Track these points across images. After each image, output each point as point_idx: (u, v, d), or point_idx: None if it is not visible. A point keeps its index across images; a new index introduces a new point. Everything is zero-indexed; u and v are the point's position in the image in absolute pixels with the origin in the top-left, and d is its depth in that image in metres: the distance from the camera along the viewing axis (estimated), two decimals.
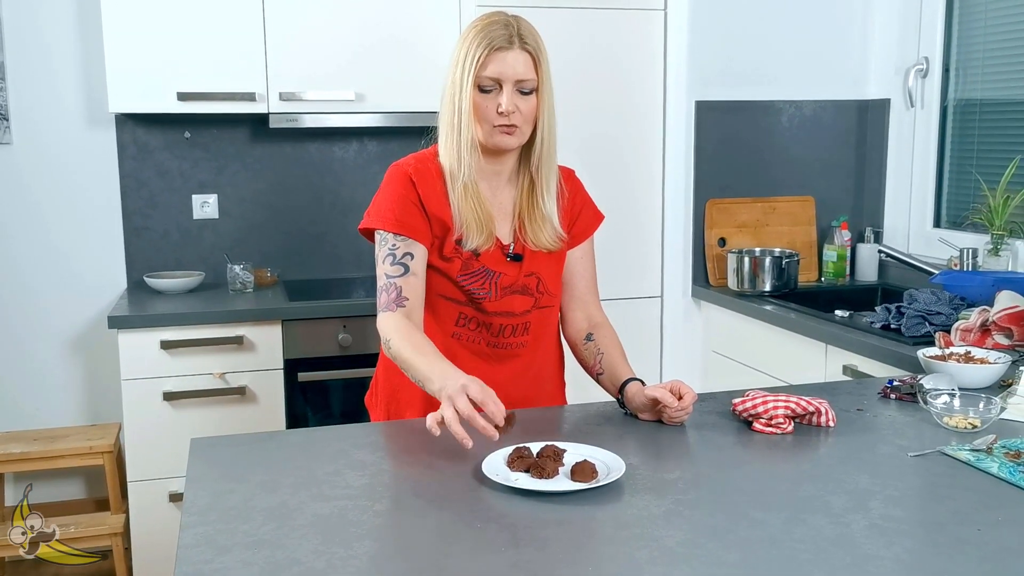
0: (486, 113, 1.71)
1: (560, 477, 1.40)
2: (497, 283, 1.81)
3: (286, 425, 3.01)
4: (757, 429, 1.62)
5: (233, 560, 1.15)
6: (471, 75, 1.69)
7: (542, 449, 1.46)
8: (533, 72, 1.71)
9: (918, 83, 3.21)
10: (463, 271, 1.79)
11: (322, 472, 1.45)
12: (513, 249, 1.83)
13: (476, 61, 1.69)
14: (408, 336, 1.66)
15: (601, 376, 1.83)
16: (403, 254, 1.75)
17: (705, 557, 1.15)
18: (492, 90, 1.71)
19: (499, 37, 1.69)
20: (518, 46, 1.69)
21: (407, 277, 1.74)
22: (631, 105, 3.21)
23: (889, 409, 1.77)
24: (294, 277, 3.53)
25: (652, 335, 3.33)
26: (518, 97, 1.71)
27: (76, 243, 3.39)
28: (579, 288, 1.93)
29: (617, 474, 1.38)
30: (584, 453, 1.47)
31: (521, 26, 1.72)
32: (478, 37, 1.70)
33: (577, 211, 1.90)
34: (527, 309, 1.85)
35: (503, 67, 1.69)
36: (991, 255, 2.80)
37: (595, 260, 1.97)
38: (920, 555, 1.17)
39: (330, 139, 3.55)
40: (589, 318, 1.92)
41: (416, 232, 1.75)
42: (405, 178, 1.79)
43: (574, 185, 1.92)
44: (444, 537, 1.22)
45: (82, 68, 3.32)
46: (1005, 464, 1.44)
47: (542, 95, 1.73)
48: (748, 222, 3.30)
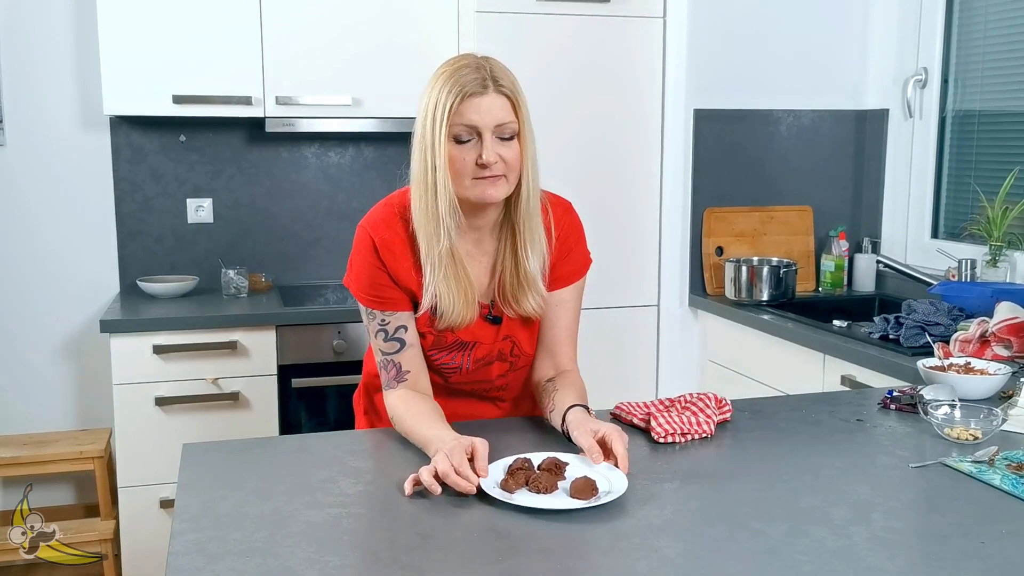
0: (464, 167, 1.54)
1: (559, 492, 1.35)
2: (471, 355, 1.71)
3: (279, 431, 2.99)
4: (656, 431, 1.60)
5: (224, 568, 1.13)
6: (443, 127, 1.51)
7: (543, 461, 1.42)
8: (512, 115, 1.55)
9: (917, 93, 3.20)
10: (435, 346, 1.69)
11: (316, 479, 1.43)
12: (492, 312, 1.70)
13: (448, 110, 1.51)
14: (408, 408, 1.60)
15: (552, 413, 1.63)
16: (395, 328, 1.64)
17: (705, 568, 1.14)
18: (470, 140, 1.54)
19: (471, 82, 1.52)
20: (493, 89, 1.52)
21: (404, 352, 1.65)
22: (629, 113, 3.19)
23: (889, 420, 1.75)
24: (289, 282, 3.51)
25: (649, 344, 3.31)
26: (499, 144, 1.54)
27: (69, 246, 3.37)
28: (549, 336, 1.75)
29: (617, 493, 1.33)
30: (586, 468, 1.42)
31: (494, 67, 1.55)
32: (447, 84, 1.52)
33: (567, 251, 1.73)
34: (502, 374, 1.76)
35: (479, 113, 1.51)
36: (989, 266, 2.79)
37: (579, 306, 1.79)
38: (923, 568, 1.15)
39: (326, 144, 3.53)
40: (556, 367, 1.75)
41: (396, 304, 1.64)
42: (369, 248, 1.64)
43: (570, 221, 1.74)
44: (439, 547, 1.20)
45: (77, 70, 3.30)
46: (1008, 476, 1.43)
47: (524, 141, 1.57)
48: (746, 231, 3.28)
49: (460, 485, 1.33)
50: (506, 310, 1.69)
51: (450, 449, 1.37)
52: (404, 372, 1.66)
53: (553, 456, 1.44)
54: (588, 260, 1.79)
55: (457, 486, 1.33)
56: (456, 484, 1.33)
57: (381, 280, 1.64)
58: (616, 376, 3.21)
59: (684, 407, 1.68)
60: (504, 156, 1.54)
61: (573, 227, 1.75)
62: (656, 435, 1.59)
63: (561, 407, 1.59)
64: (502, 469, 1.41)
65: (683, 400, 1.71)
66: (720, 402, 1.73)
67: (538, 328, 1.76)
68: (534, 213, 1.64)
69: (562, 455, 1.45)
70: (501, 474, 1.40)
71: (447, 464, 1.34)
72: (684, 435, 1.60)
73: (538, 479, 1.36)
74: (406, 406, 1.61)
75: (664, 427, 1.60)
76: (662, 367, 3.32)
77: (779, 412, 1.79)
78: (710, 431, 1.62)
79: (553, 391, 1.67)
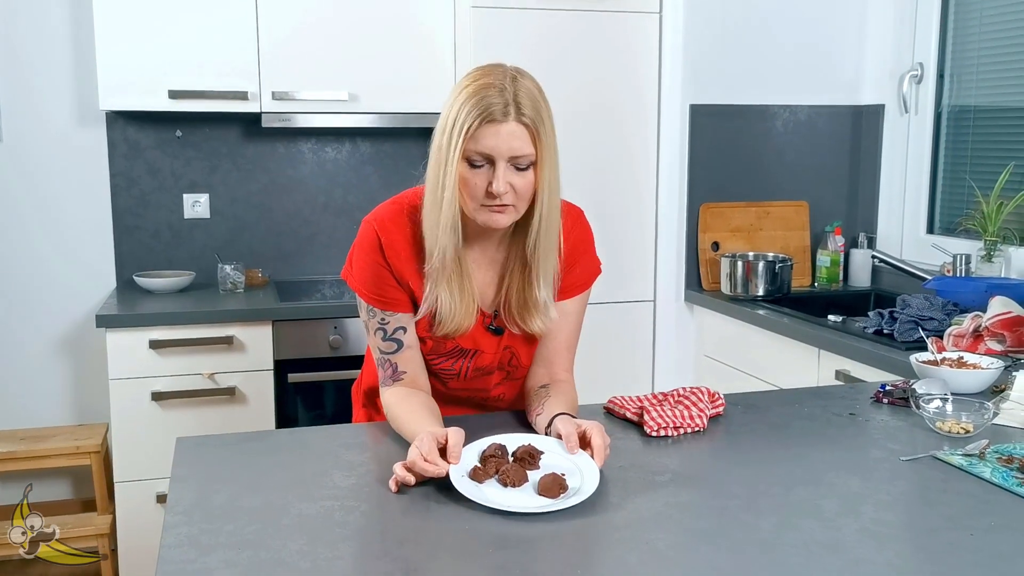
0: (474, 191, 1.50)
1: (527, 486, 1.33)
2: (471, 363, 1.69)
3: (276, 426, 2.99)
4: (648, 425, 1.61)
5: (216, 560, 1.13)
6: (458, 147, 1.48)
7: (518, 449, 1.41)
8: (531, 146, 1.49)
9: (912, 89, 3.20)
10: (434, 352, 1.68)
11: (309, 472, 1.43)
12: (495, 323, 1.68)
13: (464, 132, 1.47)
14: (401, 405, 1.59)
15: (539, 417, 1.60)
16: (394, 329, 1.63)
17: (696, 560, 1.14)
18: (483, 166, 1.50)
19: (494, 106, 1.46)
20: (514, 117, 1.47)
21: (401, 353, 1.64)
22: (626, 109, 3.20)
23: (881, 413, 1.76)
24: (285, 278, 3.52)
25: (645, 339, 3.32)
26: (512, 174, 1.50)
27: (65, 241, 3.37)
28: (549, 347, 1.73)
29: (585, 495, 1.29)
30: (559, 462, 1.39)
31: (519, 91, 1.49)
32: (469, 103, 1.48)
33: (573, 262, 1.69)
34: (498, 383, 1.75)
35: (496, 142, 1.47)
36: (984, 261, 2.79)
37: (582, 317, 1.76)
38: (912, 560, 1.16)
39: (323, 139, 3.53)
40: (551, 376, 1.72)
41: (398, 305, 1.63)
42: (375, 246, 1.61)
43: (579, 232, 1.71)
44: (430, 538, 1.21)
45: (73, 65, 3.30)
46: (998, 469, 1.43)
47: (541, 170, 1.51)
48: (742, 226, 3.29)
49: (428, 470, 1.33)
50: (510, 327, 1.67)
51: (420, 439, 1.38)
52: (400, 372, 1.65)
53: (529, 444, 1.43)
54: (597, 270, 1.76)
55: (425, 472, 1.33)
56: (424, 470, 1.33)
57: (385, 280, 1.62)
58: (612, 371, 3.21)
59: (677, 401, 1.68)
60: (515, 185, 1.50)
61: (582, 238, 1.72)
62: (649, 429, 1.60)
63: (549, 413, 1.56)
64: (476, 454, 1.41)
65: (676, 394, 1.71)
66: (713, 396, 1.73)
67: (537, 342, 1.73)
68: (546, 240, 1.59)
69: (539, 442, 1.45)
70: (474, 460, 1.39)
71: (416, 453, 1.35)
72: (677, 429, 1.61)
73: (507, 471, 1.34)
74: (399, 403, 1.61)
75: (657, 421, 1.60)
76: (658, 362, 3.33)
77: (772, 406, 1.79)
78: (702, 425, 1.63)
79: (545, 397, 1.65)
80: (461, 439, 1.39)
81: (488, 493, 1.31)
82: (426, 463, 1.34)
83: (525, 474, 1.35)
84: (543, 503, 1.28)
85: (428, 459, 1.34)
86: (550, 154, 1.52)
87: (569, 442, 1.42)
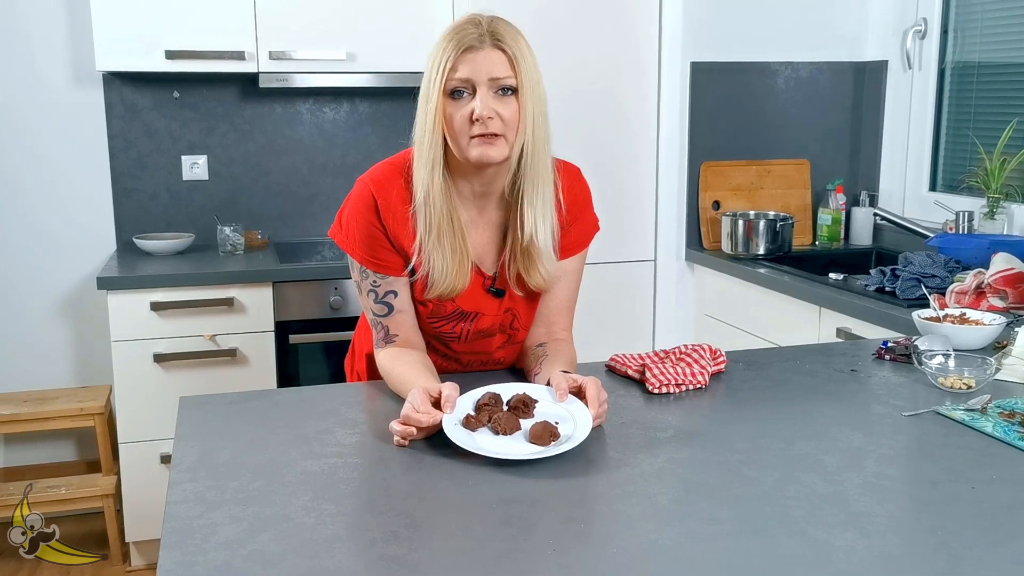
0: (460, 124, 1.49)
1: (519, 435, 1.34)
2: (471, 326, 1.68)
3: (277, 387, 3.00)
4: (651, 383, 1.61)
5: (222, 516, 1.14)
6: (438, 83, 1.48)
7: (512, 398, 1.42)
8: (510, 70, 1.49)
9: (916, 44, 3.17)
10: (434, 315, 1.66)
11: (312, 430, 1.44)
12: (496, 284, 1.67)
13: (443, 67, 1.48)
14: (395, 364, 1.59)
15: (538, 376, 1.61)
16: (385, 292, 1.62)
17: (698, 514, 1.15)
18: (464, 94, 1.49)
19: (469, 36, 1.48)
20: (490, 43, 1.48)
21: (393, 316, 1.63)
22: (626, 67, 3.16)
23: (883, 370, 1.76)
24: (285, 239, 3.51)
25: (645, 298, 3.32)
26: (496, 100, 1.48)
27: (64, 204, 3.36)
28: (548, 306, 1.72)
29: (577, 440, 1.30)
30: (554, 410, 1.40)
31: (497, 25, 1.51)
32: (446, 40, 1.50)
33: (572, 220, 1.68)
34: (500, 346, 1.75)
35: (474, 66, 1.47)
36: (987, 218, 2.78)
37: (581, 276, 1.75)
38: (913, 512, 1.17)
39: (321, 99, 3.51)
40: (550, 335, 1.73)
41: (391, 268, 1.62)
42: (370, 207, 1.60)
43: (579, 190, 1.70)
44: (434, 494, 1.21)
45: (69, 26, 3.26)
46: (1000, 423, 1.44)
47: (524, 97, 1.50)
48: (743, 185, 3.27)
49: (422, 421, 1.34)
50: (512, 287, 1.66)
51: (412, 394, 1.38)
52: (392, 335, 1.65)
53: (524, 392, 1.44)
54: (595, 227, 1.75)
55: (420, 423, 1.34)
56: (419, 421, 1.34)
57: (379, 241, 1.60)
58: (613, 330, 3.21)
59: (679, 358, 1.69)
60: (501, 113, 1.48)
61: (581, 196, 1.70)
62: (651, 386, 1.60)
63: (548, 371, 1.56)
64: (471, 403, 1.42)
65: (678, 352, 1.72)
66: (714, 353, 1.73)
67: (538, 301, 1.73)
68: (541, 176, 1.57)
69: (533, 390, 1.45)
70: (469, 408, 1.40)
71: (409, 407, 1.36)
72: (679, 386, 1.61)
73: (499, 419, 1.36)
74: (393, 362, 1.61)
75: (659, 378, 1.61)
76: (659, 321, 3.33)
77: (773, 363, 1.80)
78: (704, 382, 1.63)
79: (543, 356, 1.65)
80: (455, 391, 1.40)
81: (480, 441, 1.32)
82: (419, 414, 1.34)
83: (518, 422, 1.37)
84: (532, 450, 1.29)
85: (420, 409, 1.35)
86: (532, 83, 1.51)
87: (559, 390, 1.42)
